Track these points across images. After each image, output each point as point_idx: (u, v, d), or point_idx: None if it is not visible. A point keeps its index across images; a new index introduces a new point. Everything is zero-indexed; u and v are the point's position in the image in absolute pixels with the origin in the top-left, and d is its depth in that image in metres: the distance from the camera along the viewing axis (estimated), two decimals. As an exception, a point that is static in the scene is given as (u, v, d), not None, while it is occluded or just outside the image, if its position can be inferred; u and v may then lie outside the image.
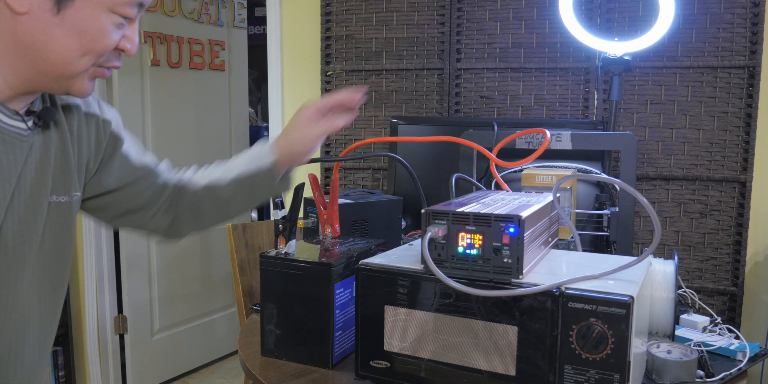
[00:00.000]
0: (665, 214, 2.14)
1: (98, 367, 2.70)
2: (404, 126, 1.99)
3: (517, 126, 2.00)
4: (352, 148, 1.33)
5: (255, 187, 1.03)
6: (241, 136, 3.22)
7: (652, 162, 2.15)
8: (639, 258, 0.94)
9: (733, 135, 2.07)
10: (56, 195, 0.90)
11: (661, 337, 1.07)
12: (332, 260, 1.08)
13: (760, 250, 2.12)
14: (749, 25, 2.03)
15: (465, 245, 0.91)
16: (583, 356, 0.85)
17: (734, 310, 2.09)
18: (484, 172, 1.59)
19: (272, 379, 1.05)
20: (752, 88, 2.03)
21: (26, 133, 0.86)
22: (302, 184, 1.14)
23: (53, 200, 0.90)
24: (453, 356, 0.93)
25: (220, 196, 1.05)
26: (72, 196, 0.93)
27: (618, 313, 0.83)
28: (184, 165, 1.17)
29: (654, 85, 2.13)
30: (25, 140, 0.85)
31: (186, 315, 2.97)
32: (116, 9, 0.81)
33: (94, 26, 0.80)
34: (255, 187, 1.03)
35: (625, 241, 1.43)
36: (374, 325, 0.99)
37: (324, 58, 2.49)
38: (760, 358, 1.14)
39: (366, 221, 1.48)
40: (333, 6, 2.47)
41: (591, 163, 1.67)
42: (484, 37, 2.30)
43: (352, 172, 2.52)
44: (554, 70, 2.22)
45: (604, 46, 1.87)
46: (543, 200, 1.06)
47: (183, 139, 2.88)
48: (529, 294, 0.87)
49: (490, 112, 2.31)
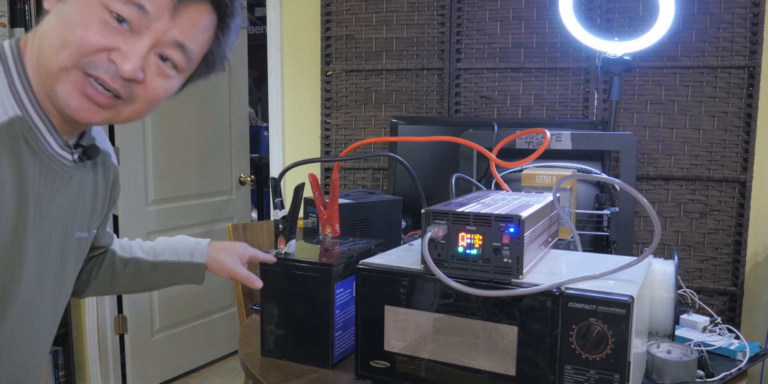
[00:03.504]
0: (665, 214, 2.14)
1: (98, 367, 2.70)
2: (404, 126, 1.99)
3: (517, 126, 2.00)
4: (352, 148, 1.33)
5: (181, 275, 1.11)
6: (241, 136, 3.22)
7: (652, 162, 2.15)
8: (639, 258, 0.94)
9: (733, 135, 2.07)
10: (79, 231, 0.92)
11: (661, 337, 1.07)
12: (332, 260, 1.08)
13: (760, 250, 2.12)
14: (749, 25, 2.03)
15: (465, 245, 0.91)
16: (583, 356, 0.85)
17: (734, 310, 2.09)
18: (484, 172, 1.59)
19: (272, 379, 1.05)
20: (752, 88, 2.03)
21: (69, 164, 0.86)
22: (302, 184, 1.14)
23: (77, 235, 0.92)
24: (453, 356, 0.93)
25: (143, 271, 1.10)
26: (91, 234, 0.96)
27: (618, 313, 0.83)
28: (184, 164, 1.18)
29: (654, 85, 2.13)
30: (67, 171, 0.86)
31: (186, 315, 2.97)
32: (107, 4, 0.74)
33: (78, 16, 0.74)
34: (181, 275, 1.11)
35: (625, 241, 1.43)
36: (374, 325, 0.99)
37: (324, 58, 2.49)
38: (760, 358, 1.14)
39: (366, 221, 1.48)
40: (333, 6, 2.47)
41: (591, 163, 1.67)
42: (484, 37, 2.30)
43: (352, 172, 2.52)
44: (554, 70, 2.22)
45: (604, 46, 1.87)
46: (543, 200, 1.06)
47: (183, 139, 2.88)
48: (529, 294, 0.87)
49: (490, 112, 2.31)
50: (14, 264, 0.81)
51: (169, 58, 0.80)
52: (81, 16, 0.74)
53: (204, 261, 1.10)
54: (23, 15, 2.43)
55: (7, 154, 0.76)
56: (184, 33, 0.78)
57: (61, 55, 0.75)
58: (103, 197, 0.98)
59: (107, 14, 0.74)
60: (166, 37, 0.77)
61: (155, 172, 2.72)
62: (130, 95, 0.79)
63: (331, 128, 2.53)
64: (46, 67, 0.76)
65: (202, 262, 1.09)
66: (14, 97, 0.78)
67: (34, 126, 0.80)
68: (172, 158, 2.79)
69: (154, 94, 0.80)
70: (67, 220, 0.88)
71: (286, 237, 1.14)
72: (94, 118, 0.79)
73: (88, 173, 0.92)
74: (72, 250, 0.92)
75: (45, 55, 0.76)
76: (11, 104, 0.77)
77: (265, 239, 2.08)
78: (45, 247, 0.85)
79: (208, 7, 0.80)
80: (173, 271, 1.10)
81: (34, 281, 0.85)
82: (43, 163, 0.81)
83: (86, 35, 0.74)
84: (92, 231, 0.96)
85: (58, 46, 0.75)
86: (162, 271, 1.10)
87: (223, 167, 3.10)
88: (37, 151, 0.80)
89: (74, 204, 0.89)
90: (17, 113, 0.78)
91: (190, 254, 1.10)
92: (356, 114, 2.48)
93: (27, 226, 0.81)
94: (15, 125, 0.77)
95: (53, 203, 0.85)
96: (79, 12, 0.75)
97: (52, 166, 0.83)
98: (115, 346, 2.74)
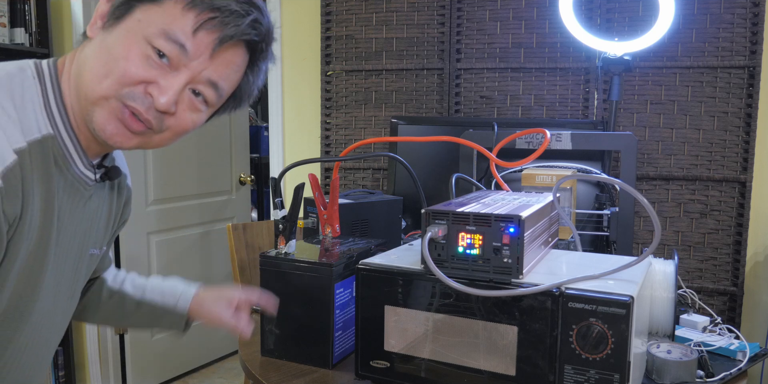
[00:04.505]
0: (665, 214, 2.14)
1: (98, 367, 2.70)
2: (404, 126, 1.99)
3: (517, 126, 2.00)
4: (352, 148, 1.33)
5: (163, 320, 1.09)
6: (241, 136, 3.22)
7: (652, 162, 2.15)
8: (639, 258, 0.94)
9: (733, 135, 2.07)
10: (93, 248, 0.95)
11: (661, 337, 1.07)
12: (332, 260, 1.08)
13: (760, 250, 2.12)
14: (749, 25, 2.03)
15: (465, 245, 0.91)
16: (583, 356, 0.85)
17: (734, 310, 2.09)
18: (484, 172, 1.59)
19: (272, 379, 1.05)
20: (752, 88, 2.03)
21: (91, 184, 0.89)
22: (302, 184, 1.14)
23: (91, 252, 0.94)
24: (453, 356, 0.93)
25: (126, 307, 1.09)
26: (102, 250, 0.98)
27: (618, 313, 0.83)
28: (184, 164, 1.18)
29: (654, 85, 2.13)
30: (88, 190, 0.88)
31: (186, 315, 2.97)
32: (149, 38, 0.78)
33: (121, 47, 0.78)
34: (163, 320, 1.09)
35: (625, 241, 1.43)
36: (374, 325, 0.99)
37: (324, 58, 2.49)
38: (760, 358, 1.14)
39: (366, 221, 1.48)
40: (333, 6, 2.47)
41: (591, 163, 1.67)
42: (484, 37, 2.30)
43: (352, 172, 2.52)
44: (554, 70, 2.22)
45: (604, 46, 1.87)
46: (543, 200, 1.06)
47: (183, 139, 2.87)
48: (529, 294, 0.87)
49: (490, 112, 2.31)
50: (35, 276, 0.83)
51: (201, 94, 0.83)
52: (125, 49, 0.78)
53: (185, 311, 1.07)
54: (23, 15, 2.43)
55: (38, 169, 0.79)
56: (218, 73, 0.82)
57: (103, 84, 0.78)
58: (115, 216, 1.00)
59: (150, 49, 0.78)
60: (202, 76, 0.81)
61: (155, 172, 2.72)
62: (160, 126, 0.83)
63: (331, 128, 2.53)
64: (86, 93, 0.79)
65: (184, 312, 1.07)
66: (48, 116, 0.81)
67: (63, 145, 0.82)
68: (172, 158, 2.79)
69: (183, 125, 0.85)
70: (84, 237, 0.91)
71: (286, 237, 1.14)
72: (126, 143, 0.82)
73: (105, 193, 0.95)
74: (84, 266, 0.94)
75: (86, 82, 0.79)
76: (45, 123, 0.80)
77: (265, 239, 2.08)
78: (63, 261, 0.88)
79: (243, 49, 0.84)
80: (155, 315, 1.08)
81: (51, 294, 0.87)
82: (67, 181, 0.84)
83: (129, 67, 0.78)
84: (103, 248, 0.99)
85: (101, 74, 0.78)
86: (145, 311, 1.08)
87: (223, 167, 3.10)
88: (64, 169, 0.83)
89: (91, 222, 0.92)
90: (50, 132, 0.80)
91: (174, 300, 1.08)
92: (356, 114, 2.48)
93: (50, 240, 0.83)
94: (47, 143, 0.80)
95: (73, 220, 0.87)
96: (123, 44, 0.78)
97: (76, 185, 0.86)
98: (115, 346, 2.74)
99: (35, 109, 0.79)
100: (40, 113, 0.80)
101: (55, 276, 0.87)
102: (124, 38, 0.78)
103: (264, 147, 3.82)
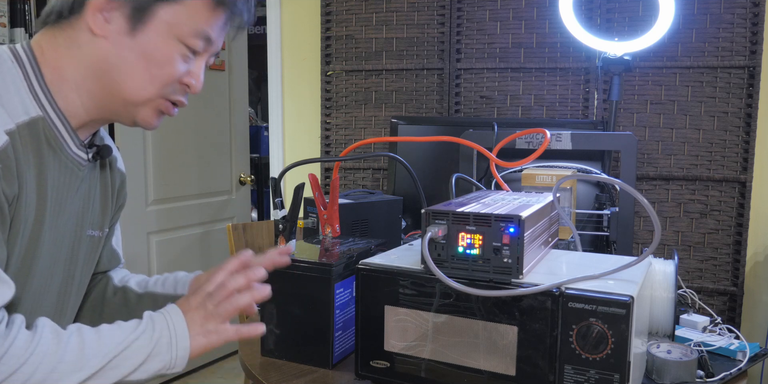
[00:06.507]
0: (665, 214, 2.14)
1: (98, 367, 2.70)
2: (404, 126, 1.99)
3: (517, 126, 2.00)
4: (352, 148, 1.33)
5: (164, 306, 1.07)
6: (241, 136, 3.22)
7: (652, 162, 2.15)
8: (639, 258, 0.94)
9: (733, 135, 2.07)
10: (91, 229, 0.95)
11: (661, 337, 1.07)
12: (332, 260, 1.08)
13: (760, 250, 2.12)
14: (749, 25, 2.03)
15: (465, 245, 0.91)
16: (583, 356, 0.85)
17: (734, 310, 2.09)
18: (484, 172, 1.59)
19: (272, 379, 1.05)
20: (752, 88, 2.03)
21: (84, 163, 0.90)
22: (302, 184, 1.14)
23: (89, 234, 0.95)
24: (453, 356, 0.93)
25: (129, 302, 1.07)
26: (103, 232, 0.99)
27: (618, 313, 0.83)
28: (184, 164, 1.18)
29: (654, 85, 2.13)
30: (82, 170, 0.89)
31: (186, 315, 2.97)
32: (184, 39, 0.83)
33: (161, 52, 0.83)
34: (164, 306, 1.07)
35: (625, 241, 1.43)
36: (374, 325, 0.99)
37: (324, 58, 2.49)
38: (760, 358, 1.14)
39: (366, 221, 1.48)
40: (333, 6, 2.47)
41: (591, 163, 1.67)
42: (484, 37, 2.30)
43: (352, 172, 2.52)
44: (554, 70, 2.22)
45: (604, 46, 1.87)
46: (543, 200, 1.06)
47: (183, 139, 2.88)
48: (529, 294, 0.87)
49: (490, 112, 2.31)
50: (30, 259, 0.83)
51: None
52: (164, 54, 0.83)
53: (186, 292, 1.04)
54: (23, 15, 2.43)
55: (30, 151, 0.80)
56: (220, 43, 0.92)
57: (149, 89, 0.84)
58: (111, 199, 1.00)
59: (185, 49, 0.84)
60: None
61: (155, 172, 2.72)
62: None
63: (331, 128, 2.53)
64: (127, 97, 0.84)
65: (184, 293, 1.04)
66: (34, 98, 0.82)
67: (53, 126, 0.84)
68: (172, 158, 2.79)
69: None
70: (79, 218, 0.91)
71: (286, 237, 1.14)
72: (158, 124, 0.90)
73: (96, 173, 0.95)
74: (83, 248, 0.94)
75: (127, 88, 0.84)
76: (33, 105, 0.81)
77: (265, 239, 2.08)
78: (58, 243, 0.88)
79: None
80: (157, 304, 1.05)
81: (46, 276, 0.87)
82: (61, 161, 0.85)
83: (173, 72, 0.85)
84: (104, 229, 0.99)
85: (146, 80, 0.84)
86: (147, 302, 1.06)
87: (223, 167, 3.10)
88: (57, 150, 0.84)
89: (86, 202, 0.92)
90: (38, 114, 0.82)
91: (173, 286, 1.07)
92: (356, 114, 2.48)
93: (45, 222, 0.83)
94: (37, 125, 0.81)
95: (68, 200, 0.88)
96: (160, 49, 0.83)
97: (69, 165, 0.87)
98: (115, 346, 2.74)
99: (19, 92, 0.80)
100: (26, 96, 0.81)
101: (50, 258, 0.87)
102: (161, 43, 0.83)
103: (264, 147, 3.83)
